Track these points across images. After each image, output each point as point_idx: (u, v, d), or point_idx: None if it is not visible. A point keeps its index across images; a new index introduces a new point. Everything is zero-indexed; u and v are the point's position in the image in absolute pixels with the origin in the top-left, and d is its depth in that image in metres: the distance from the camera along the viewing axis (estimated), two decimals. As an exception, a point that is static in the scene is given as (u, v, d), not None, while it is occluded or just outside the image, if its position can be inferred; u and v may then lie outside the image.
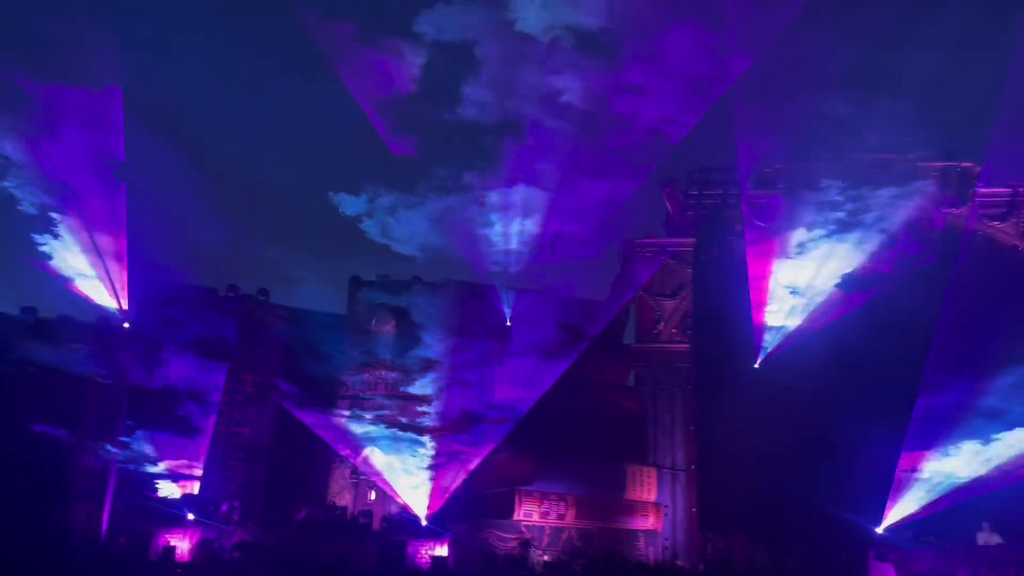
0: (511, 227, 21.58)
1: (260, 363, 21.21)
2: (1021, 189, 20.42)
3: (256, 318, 21.68)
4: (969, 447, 18.76)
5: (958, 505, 18.23)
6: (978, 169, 20.12)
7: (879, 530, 17.56)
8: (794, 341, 20.44)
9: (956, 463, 18.91)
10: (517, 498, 19.62)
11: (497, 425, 20.21)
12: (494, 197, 21.42)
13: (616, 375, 23.11)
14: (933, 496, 18.72)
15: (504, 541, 19.05)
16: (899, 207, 20.15)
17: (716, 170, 21.84)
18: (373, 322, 21.43)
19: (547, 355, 20.67)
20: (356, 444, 20.49)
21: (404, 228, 21.94)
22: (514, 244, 21.74)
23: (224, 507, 19.55)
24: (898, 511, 18.59)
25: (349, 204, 22.25)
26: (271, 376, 20.95)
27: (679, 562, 19.31)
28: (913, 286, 19.55)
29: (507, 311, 21.50)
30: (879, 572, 15.80)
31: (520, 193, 21.52)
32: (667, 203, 22.79)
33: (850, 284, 19.82)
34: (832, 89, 21.31)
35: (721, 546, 19.22)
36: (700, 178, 21.93)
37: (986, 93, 19.82)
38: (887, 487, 18.15)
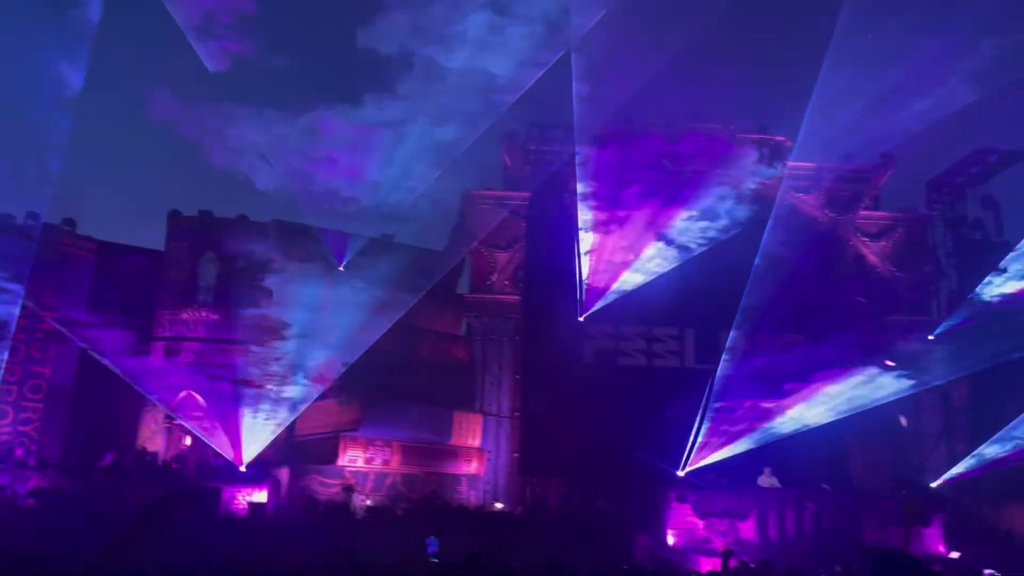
0: (348, 166, 20.98)
1: (62, 298, 19.56)
2: (825, 165, 22.28)
3: (59, 249, 19.92)
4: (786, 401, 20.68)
5: (751, 451, 20.04)
6: (789, 144, 21.70)
7: (681, 474, 18.97)
8: (617, 298, 21.45)
9: (776, 415, 20.74)
10: (342, 444, 19.51)
11: (324, 372, 19.86)
12: (331, 129, 20.64)
13: (449, 324, 23.31)
14: (730, 443, 20.41)
15: (326, 487, 18.93)
16: (719, 175, 21.43)
17: (554, 127, 22.25)
18: (193, 261, 20.31)
19: (380, 303, 20.44)
20: (170, 388, 19.51)
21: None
22: (351, 185, 21.21)
23: (19, 452, 18.13)
24: (699, 456, 20.17)
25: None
26: (75, 312, 19.38)
27: (499, 504, 20.02)
28: (727, 249, 20.98)
29: (340, 256, 21.05)
30: (678, 511, 17.07)
31: (360, 130, 20.94)
32: (506, 157, 23.02)
33: (670, 246, 20.95)
34: (668, 57, 22.23)
35: (539, 490, 20.13)
36: (538, 134, 22.30)
37: (803, 72, 21.21)
38: (689, 435, 19.62)
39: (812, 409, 20.61)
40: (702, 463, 19.91)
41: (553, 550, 12.37)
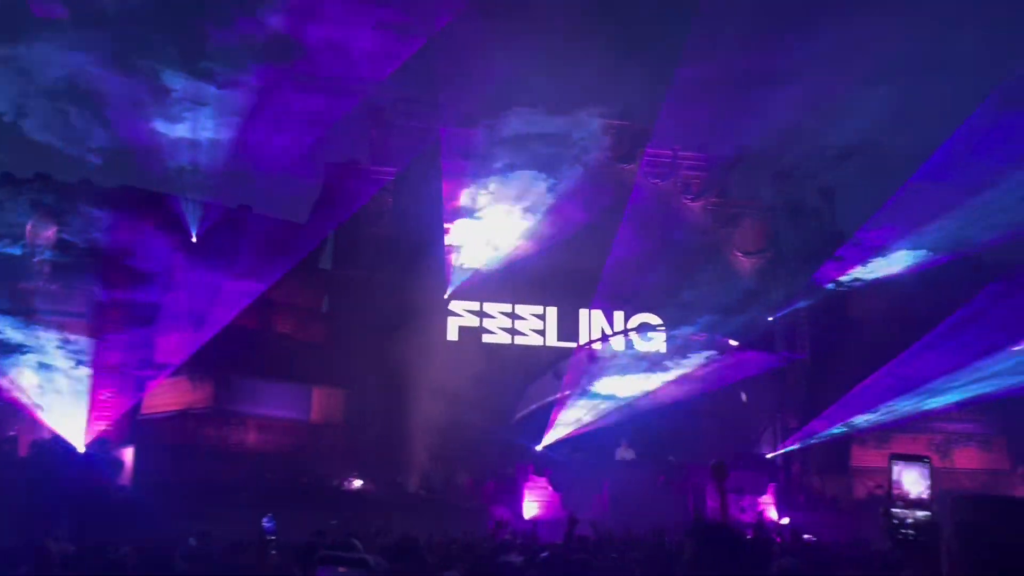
0: (203, 128, 19.96)
1: None
2: (681, 152, 23.29)
3: None
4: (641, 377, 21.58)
5: (607, 426, 20.88)
6: (649, 131, 22.52)
7: (538, 448, 19.54)
8: (481, 277, 21.69)
9: (612, 386, 21.59)
10: (195, 421, 18.83)
11: (175, 347, 19.00)
12: (182, 89, 19.52)
13: (310, 300, 22.80)
14: (590, 416, 21.17)
15: (179, 467, 18.21)
16: (582, 159, 21.98)
17: (422, 102, 22.09)
18: (29, 226, 18.84)
19: (238, 276, 19.72)
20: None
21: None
22: (206, 149, 20.24)
23: None
24: (558, 431, 20.81)
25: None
26: None
27: (357, 482, 19.87)
28: (588, 231, 21.60)
29: (194, 226, 20.11)
30: (535, 483, 17.60)
31: (218, 93, 19.93)
32: (372, 130, 22.66)
33: (533, 226, 21.36)
34: (538, 41, 22.46)
35: (399, 466, 20.12)
36: (406, 109, 22.07)
37: (664, 62, 22.05)
38: (549, 411, 20.23)
39: (666, 386, 21.71)
40: (560, 437, 20.57)
41: (408, 526, 12.44)
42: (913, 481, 2.30)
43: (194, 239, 19.86)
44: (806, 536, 12.70)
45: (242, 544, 9.39)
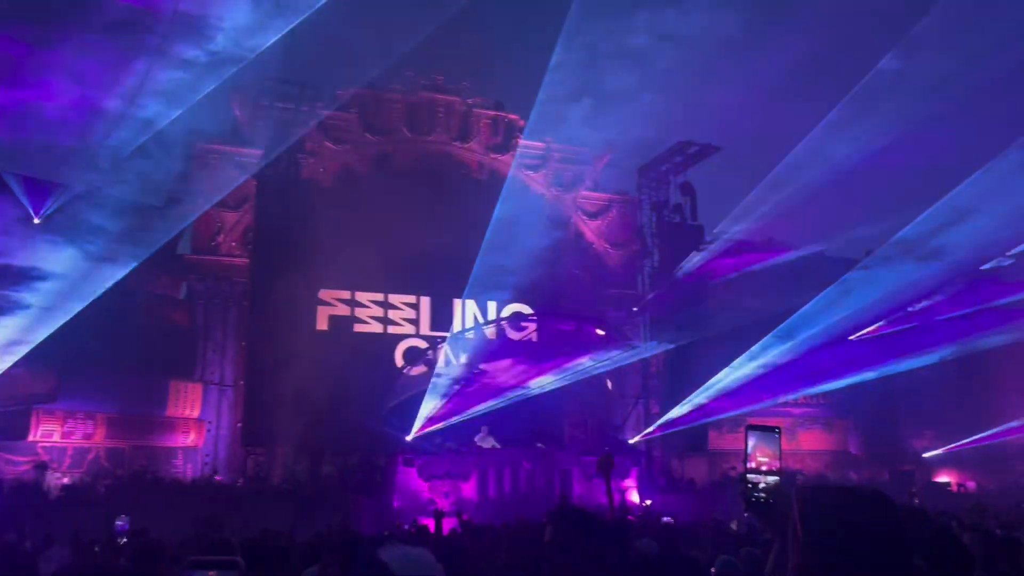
0: (47, 101, 18.45)
1: None
2: (554, 145, 23.64)
3: None
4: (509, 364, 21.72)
5: (477, 415, 20.96)
6: (522, 123, 22.74)
7: (409, 439, 19.38)
8: (352, 265, 21.19)
9: (486, 375, 21.67)
10: (34, 417, 17.50)
11: (13, 337, 17.57)
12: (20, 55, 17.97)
13: (167, 287, 21.62)
14: (457, 408, 21.17)
15: (14, 465, 16.91)
16: (456, 146, 21.91)
17: (292, 83, 21.33)
18: None
19: (85, 261, 18.44)
20: None
21: None
22: (51, 125, 18.73)
23: None
24: (428, 422, 20.71)
25: None
26: None
27: (218, 477, 19.11)
28: (462, 220, 21.55)
29: (38, 208, 18.62)
30: (404, 475, 17.45)
31: (63, 58, 18.42)
32: (236, 110, 21.68)
33: (403, 212, 21.08)
34: (415, 26, 22.18)
35: (262, 460, 19.49)
36: (274, 89, 21.23)
37: (540, 53, 22.24)
38: (420, 401, 20.07)
39: (536, 375, 22.02)
40: (431, 428, 20.48)
41: (271, 521, 12.06)
42: (765, 450, 2.41)
43: (37, 221, 18.41)
44: (665, 518, 13.21)
45: (85, 544, 8.79)
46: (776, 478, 2.28)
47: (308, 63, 21.16)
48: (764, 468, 2.32)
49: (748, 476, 2.32)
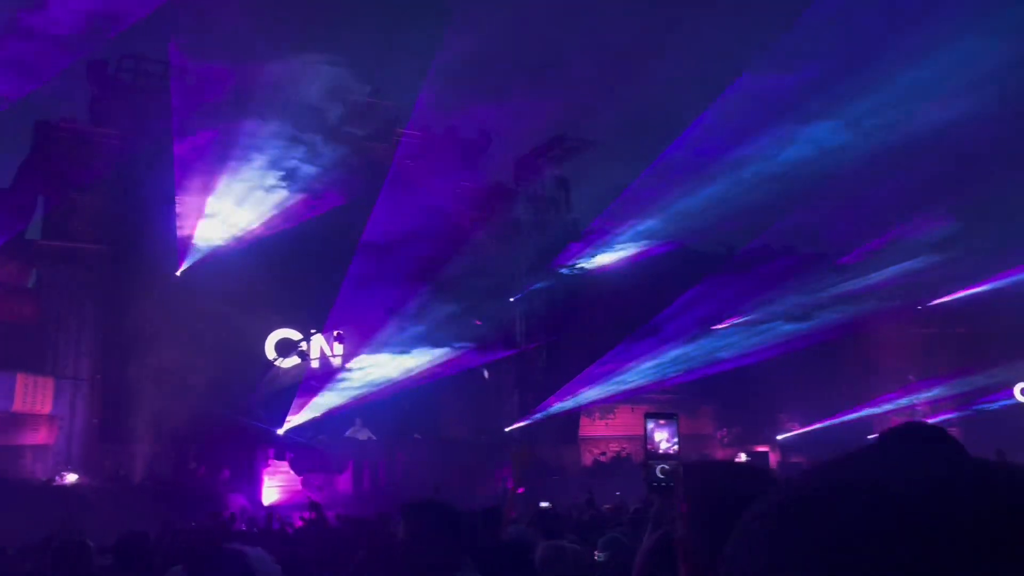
0: None
1: None
2: (436, 133, 23.53)
3: None
4: (386, 357, 21.48)
5: (351, 406, 20.67)
6: (403, 111, 22.51)
7: (281, 432, 18.89)
8: (219, 256, 20.40)
9: (376, 371, 21.42)
10: None
11: None
12: None
13: (13, 275, 20.04)
14: (337, 399, 20.81)
15: None
16: (333, 136, 21.44)
17: (153, 60, 20.24)
18: None
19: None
20: None
21: None
22: None
23: None
24: (302, 414, 20.24)
25: None
26: None
27: (72, 476, 17.94)
28: (341, 210, 21.14)
29: None
30: (276, 468, 17.04)
31: None
32: (91, 86, 20.34)
33: (279, 204, 20.49)
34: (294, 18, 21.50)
35: (122, 458, 18.46)
36: (133, 66, 20.05)
37: (427, 43, 22.07)
38: (292, 394, 19.59)
39: (414, 367, 21.96)
40: (302, 420, 20.02)
41: (134, 521, 11.48)
42: (664, 436, 2.54)
43: None
44: (543, 503, 13.47)
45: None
46: (675, 462, 2.40)
47: (171, 37, 20.13)
48: (662, 453, 2.45)
49: (649, 463, 2.43)
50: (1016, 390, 22.43)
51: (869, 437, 24.57)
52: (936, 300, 24.02)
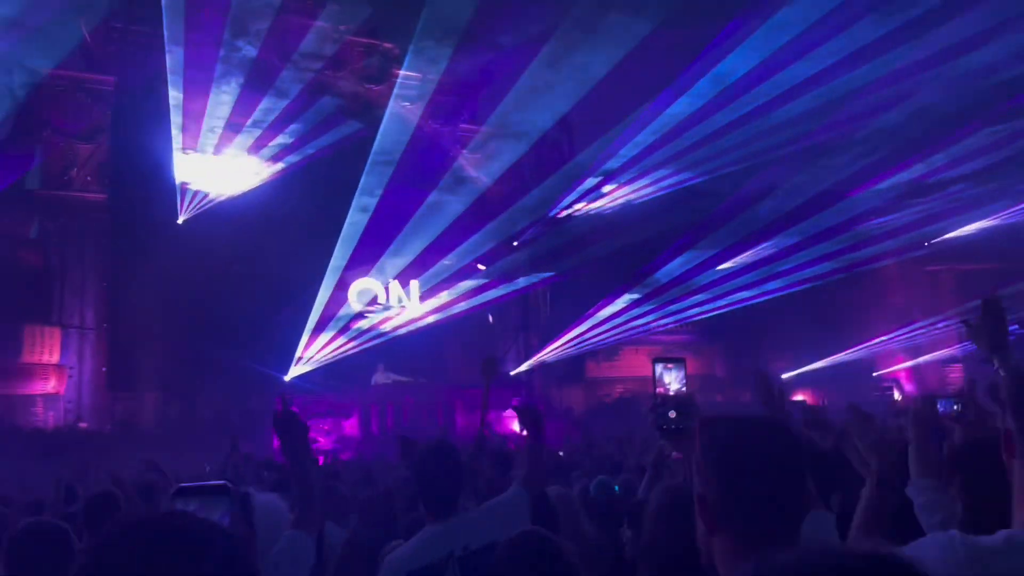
0: None
1: None
2: (431, 76, 23.09)
3: None
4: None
5: (357, 352, 20.84)
6: (397, 52, 22.04)
7: (287, 378, 19.05)
8: (222, 201, 20.32)
9: (368, 313, 21.52)
10: None
11: None
12: None
13: (14, 226, 20.01)
14: (343, 344, 20.98)
15: None
16: (329, 76, 21.10)
17: (146, 4, 19.78)
18: None
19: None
20: None
21: None
22: None
23: None
24: (308, 360, 20.42)
25: None
26: None
27: (83, 424, 18.21)
28: (338, 156, 20.94)
29: None
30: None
31: None
32: (85, 32, 19.94)
33: (277, 149, 20.30)
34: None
35: (131, 404, 18.70)
36: (127, 10, 19.63)
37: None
38: (297, 341, 19.70)
39: (422, 312, 22.07)
40: (311, 367, 20.20)
41: (147, 464, 11.66)
42: (673, 379, 2.55)
43: None
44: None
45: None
46: (685, 404, 2.41)
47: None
48: (672, 396, 2.46)
49: (658, 407, 2.43)
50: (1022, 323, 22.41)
51: (874, 375, 24.72)
52: (942, 236, 23.86)
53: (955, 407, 2.94)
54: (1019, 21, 16.05)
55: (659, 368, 2.58)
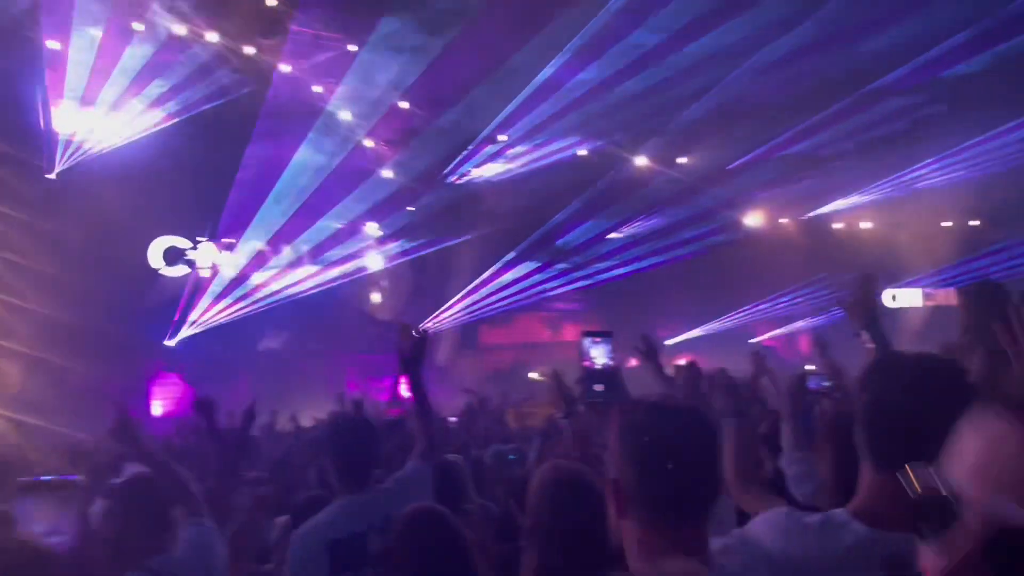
0: None
1: None
2: (324, 34, 22.26)
3: None
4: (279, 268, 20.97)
5: (246, 317, 20.21)
6: (293, 10, 21.09)
7: (170, 343, 18.30)
8: (100, 156, 19.16)
9: (270, 282, 20.89)
10: None
11: None
12: None
13: None
14: (231, 308, 20.27)
15: None
16: (230, 35, 20.04)
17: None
18: None
19: None
20: None
21: None
22: None
23: None
24: (192, 326, 19.65)
25: None
26: None
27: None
28: (227, 110, 19.99)
29: None
30: (166, 380, 16.61)
31: None
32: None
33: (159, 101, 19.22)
34: None
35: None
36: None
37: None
38: (178, 303, 18.91)
39: (310, 278, 21.59)
40: (195, 331, 19.47)
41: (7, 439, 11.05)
42: (600, 353, 2.63)
43: None
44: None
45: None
46: (610, 377, 2.47)
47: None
48: (598, 370, 2.52)
49: (587, 380, 2.49)
50: (887, 295, 23.81)
51: (750, 341, 26.01)
52: (819, 209, 25.13)
53: (824, 384, 3.14)
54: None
55: (587, 342, 2.64)
